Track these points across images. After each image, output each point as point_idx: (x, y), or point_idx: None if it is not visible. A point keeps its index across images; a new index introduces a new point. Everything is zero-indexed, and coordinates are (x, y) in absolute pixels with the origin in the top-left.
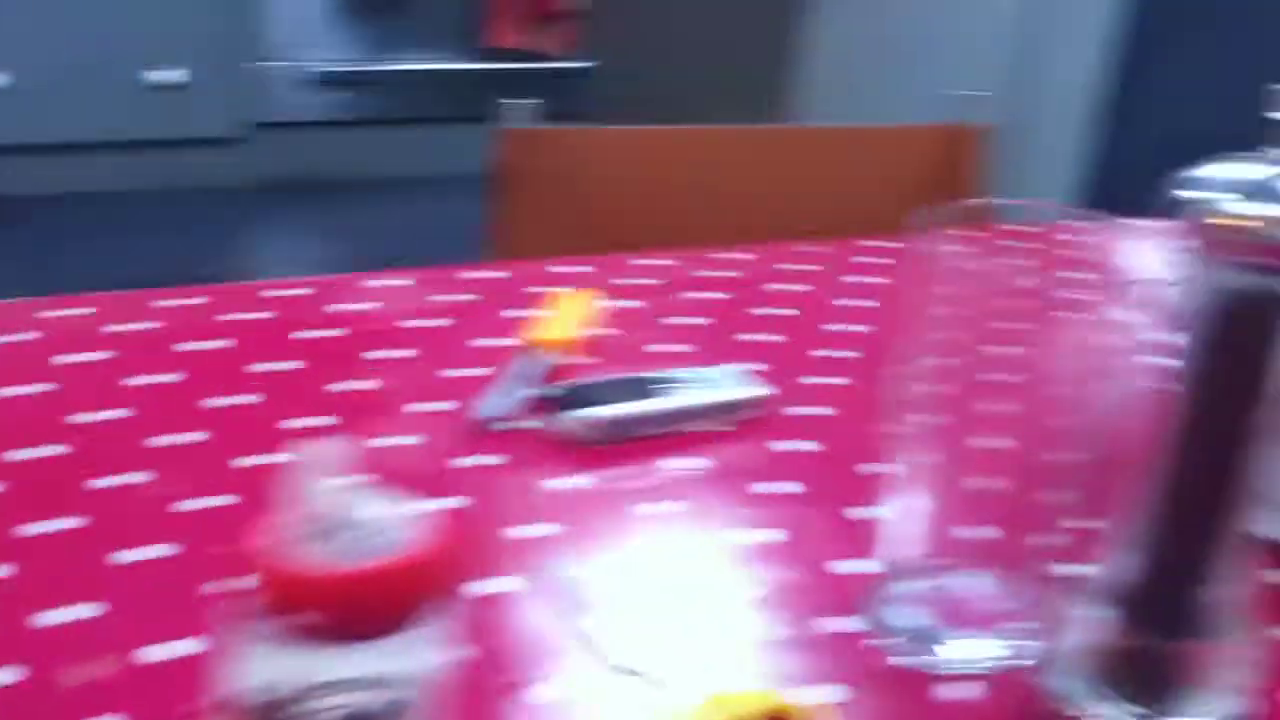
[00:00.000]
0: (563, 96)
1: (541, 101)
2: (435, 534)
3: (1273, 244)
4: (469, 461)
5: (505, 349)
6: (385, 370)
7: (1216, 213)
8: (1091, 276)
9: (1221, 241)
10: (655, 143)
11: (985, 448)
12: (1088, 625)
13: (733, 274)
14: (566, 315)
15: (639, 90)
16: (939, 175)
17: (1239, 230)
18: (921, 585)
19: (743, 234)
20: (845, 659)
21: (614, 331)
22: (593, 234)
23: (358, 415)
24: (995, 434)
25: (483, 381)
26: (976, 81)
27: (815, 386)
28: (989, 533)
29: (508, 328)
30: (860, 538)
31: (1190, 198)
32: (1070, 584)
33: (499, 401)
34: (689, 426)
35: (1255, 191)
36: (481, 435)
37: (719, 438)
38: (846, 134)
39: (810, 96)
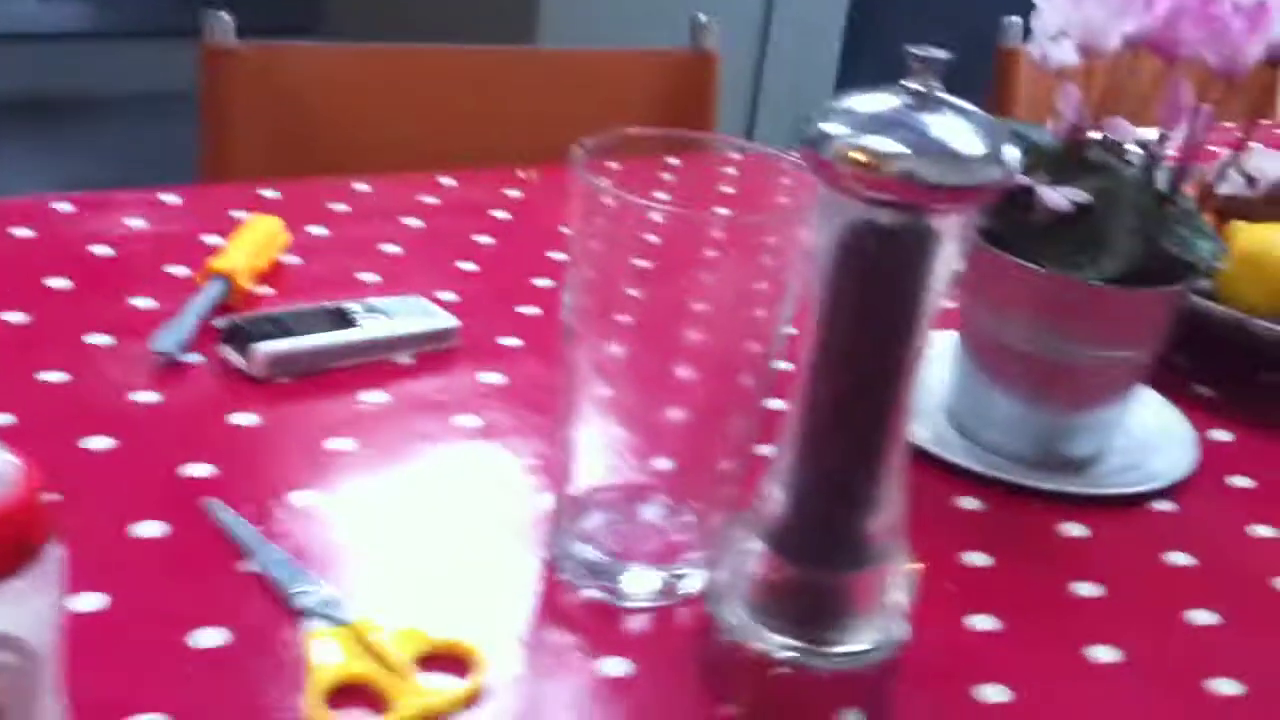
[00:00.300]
0: (301, 12)
1: (249, 14)
2: (19, 484)
3: (889, 178)
4: (140, 396)
5: (189, 279)
6: (59, 300)
7: (840, 145)
8: (768, 204)
9: (844, 174)
10: (373, 63)
11: (665, 377)
12: (753, 556)
13: (434, 200)
14: (253, 243)
15: (383, 8)
16: (673, 100)
17: (859, 164)
18: (602, 518)
19: (461, 162)
20: (527, 593)
21: (305, 260)
22: (304, 158)
23: (23, 349)
24: (674, 364)
25: (162, 313)
26: (722, 5)
27: (507, 316)
28: (667, 464)
29: (193, 256)
30: (544, 471)
31: (819, 130)
32: (741, 515)
33: (176, 333)
34: (375, 359)
35: (880, 126)
36: (156, 368)
37: (405, 371)
38: (581, 57)
39: (556, 19)
